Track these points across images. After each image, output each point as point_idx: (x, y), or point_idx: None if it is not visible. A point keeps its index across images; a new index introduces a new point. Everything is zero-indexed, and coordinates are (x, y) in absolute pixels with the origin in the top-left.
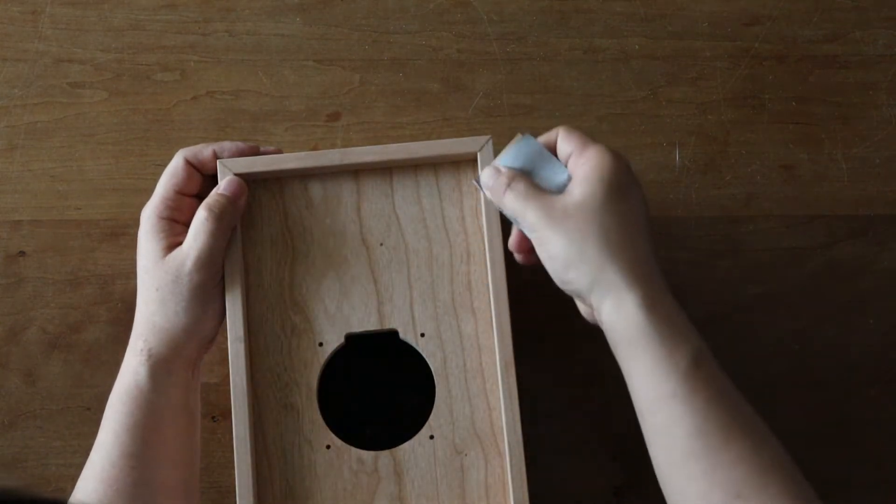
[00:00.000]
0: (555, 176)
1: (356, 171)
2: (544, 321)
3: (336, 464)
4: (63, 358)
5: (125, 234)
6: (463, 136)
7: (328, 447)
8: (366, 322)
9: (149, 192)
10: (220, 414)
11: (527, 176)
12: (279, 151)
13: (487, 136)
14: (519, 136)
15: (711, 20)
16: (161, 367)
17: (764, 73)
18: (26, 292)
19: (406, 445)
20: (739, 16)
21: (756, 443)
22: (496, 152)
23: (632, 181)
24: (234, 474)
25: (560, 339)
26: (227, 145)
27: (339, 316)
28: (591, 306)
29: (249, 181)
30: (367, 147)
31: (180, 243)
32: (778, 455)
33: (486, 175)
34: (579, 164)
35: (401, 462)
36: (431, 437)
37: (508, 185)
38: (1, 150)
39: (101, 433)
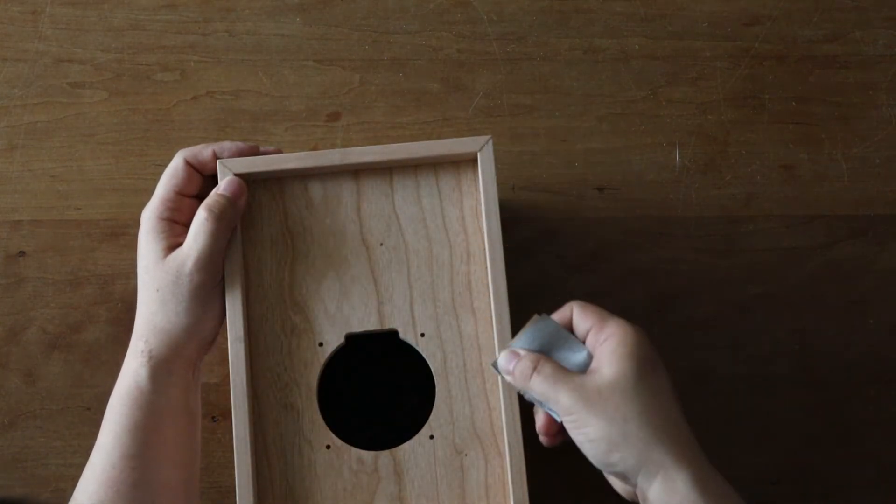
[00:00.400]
0: (574, 355)
1: (356, 171)
2: None
3: (336, 464)
4: (63, 358)
5: (125, 234)
6: (463, 136)
7: (328, 447)
8: (366, 322)
9: (149, 192)
10: (220, 414)
11: (549, 357)
12: (279, 151)
13: (487, 136)
14: (535, 317)
15: (711, 20)
16: (162, 367)
17: (764, 73)
18: (26, 292)
19: (406, 445)
20: (739, 16)
21: None
22: (497, 153)
23: (655, 353)
24: (234, 474)
25: None
26: (227, 145)
27: (339, 316)
28: (634, 486)
29: (249, 181)
30: (367, 147)
31: (180, 244)
32: None
33: (504, 359)
34: (601, 341)
35: (401, 462)
36: (431, 437)
37: (535, 370)
38: (1, 150)
39: (102, 435)
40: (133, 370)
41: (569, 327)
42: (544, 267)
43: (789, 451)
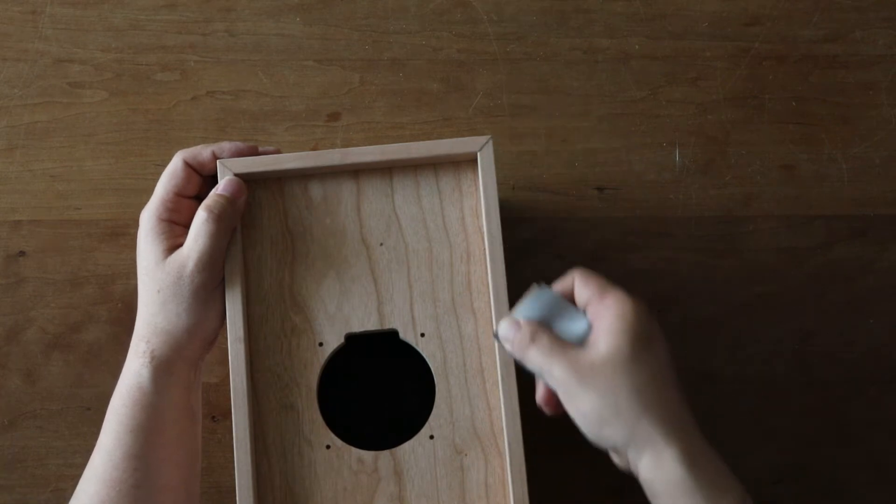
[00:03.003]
0: (574, 325)
1: (356, 171)
2: None
3: (336, 464)
4: (63, 358)
5: (125, 234)
6: (463, 136)
7: (328, 447)
8: (366, 322)
9: (149, 193)
10: (220, 414)
11: (548, 328)
12: (279, 151)
13: (487, 136)
14: (535, 287)
15: (711, 20)
16: (163, 368)
17: (764, 73)
18: (26, 292)
19: (406, 445)
20: (739, 16)
21: None
22: (497, 153)
23: (654, 328)
24: (234, 474)
25: None
26: (226, 146)
27: (339, 316)
28: (627, 461)
29: (249, 181)
30: (367, 147)
31: (180, 245)
32: None
33: (504, 328)
34: (600, 313)
35: (401, 462)
36: (431, 437)
37: (532, 341)
38: (1, 150)
39: (103, 435)
40: (135, 371)
41: (570, 296)
42: (544, 267)
43: (789, 451)
